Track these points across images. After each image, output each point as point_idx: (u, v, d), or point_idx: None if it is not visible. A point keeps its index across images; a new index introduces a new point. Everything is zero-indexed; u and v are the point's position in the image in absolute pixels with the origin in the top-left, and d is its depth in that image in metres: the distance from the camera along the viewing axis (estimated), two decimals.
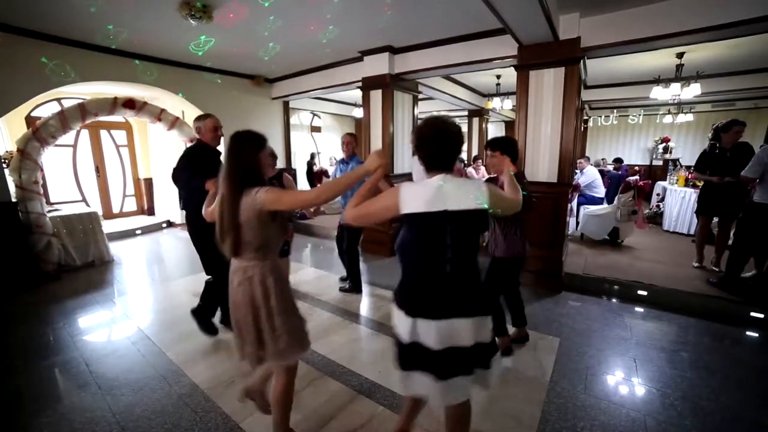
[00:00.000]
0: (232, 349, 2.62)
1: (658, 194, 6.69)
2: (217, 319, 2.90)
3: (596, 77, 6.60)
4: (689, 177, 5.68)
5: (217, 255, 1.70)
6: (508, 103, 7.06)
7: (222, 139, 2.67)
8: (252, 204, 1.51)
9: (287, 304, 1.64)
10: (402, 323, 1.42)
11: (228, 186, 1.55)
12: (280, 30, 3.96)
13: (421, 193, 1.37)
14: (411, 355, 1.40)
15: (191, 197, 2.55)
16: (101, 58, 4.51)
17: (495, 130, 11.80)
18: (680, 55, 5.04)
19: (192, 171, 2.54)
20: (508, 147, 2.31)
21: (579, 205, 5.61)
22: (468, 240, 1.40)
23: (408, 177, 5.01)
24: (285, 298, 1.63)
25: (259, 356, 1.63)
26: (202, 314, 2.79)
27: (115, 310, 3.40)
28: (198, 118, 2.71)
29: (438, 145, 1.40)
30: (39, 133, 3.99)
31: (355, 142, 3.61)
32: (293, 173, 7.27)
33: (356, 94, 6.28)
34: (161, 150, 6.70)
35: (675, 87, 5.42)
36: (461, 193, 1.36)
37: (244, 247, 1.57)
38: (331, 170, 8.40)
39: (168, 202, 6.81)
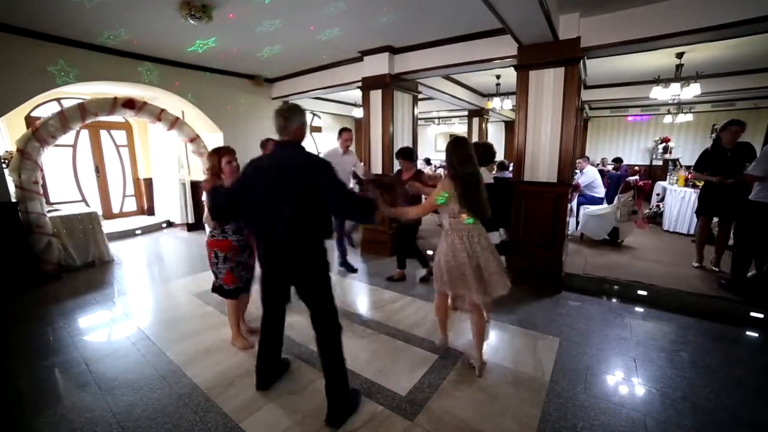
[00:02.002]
0: (233, 349, 2.65)
1: (657, 194, 6.69)
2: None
3: (596, 77, 6.60)
4: (689, 177, 5.68)
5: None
6: (508, 103, 7.06)
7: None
8: None
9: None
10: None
11: (478, 174, 2.28)
12: (280, 30, 3.96)
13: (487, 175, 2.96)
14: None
15: (324, 216, 1.94)
16: (101, 58, 4.50)
17: (495, 130, 11.80)
18: (680, 55, 5.04)
19: (342, 185, 1.87)
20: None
21: (579, 205, 5.61)
22: None
23: None
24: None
25: (476, 295, 2.23)
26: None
27: (115, 310, 3.40)
28: (294, 112, 1.91)
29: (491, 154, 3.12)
30: (39, 133, 3.99)
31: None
32: None
33: (356, 94, 6.28)
34: (161, 150, 6.70)
35: (675, 87, 5.42)
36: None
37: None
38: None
39: (167, 203, 6.82)
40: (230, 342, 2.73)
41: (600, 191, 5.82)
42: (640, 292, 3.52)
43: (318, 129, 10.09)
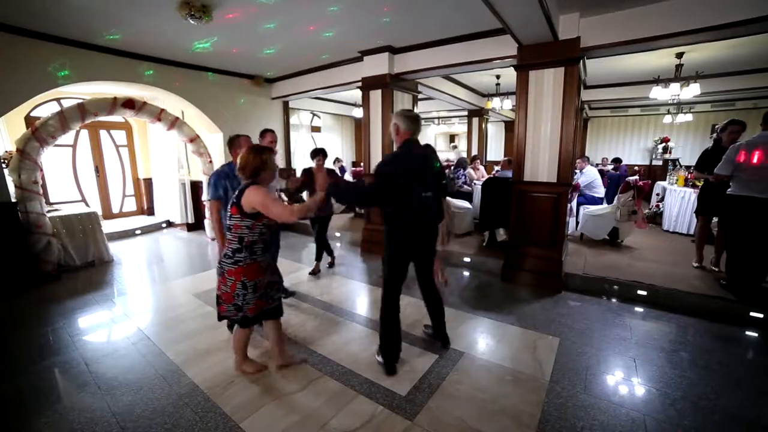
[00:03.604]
0: (231, 350, 2.64)
1: (657, 194, 6.69)
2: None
3: (596, 77, 6.61)
4: (689, 177, 5.69)
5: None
6: (508, 103, 7.07)
7: None
8: None
9: None
10: None
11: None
12: (281, 30, 3.96)
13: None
14: None
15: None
16: (101, 58, 4.50)
17: (495, 130, 11.81)
18: (680, 55, 5.04)
19: None
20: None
21: (579, 205, 5.61)
22: None
23: None
24: None
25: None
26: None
27: (114, 310, 3.40)
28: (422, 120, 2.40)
29: None
30: (38, 133, 3.99)
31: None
32: (293, 172, 7.27)
33: (356, 94, 6.29)
34: (161, 150, 6.70)
35: (674, 87, 5.42)
36: None
37: None
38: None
39: (167, 203, 6.81)
40: (236, 368, 2.40)
41: (600, 191, 5.82)
42: (640, 292, 3.52)
43: (317, 129, 10.08)
